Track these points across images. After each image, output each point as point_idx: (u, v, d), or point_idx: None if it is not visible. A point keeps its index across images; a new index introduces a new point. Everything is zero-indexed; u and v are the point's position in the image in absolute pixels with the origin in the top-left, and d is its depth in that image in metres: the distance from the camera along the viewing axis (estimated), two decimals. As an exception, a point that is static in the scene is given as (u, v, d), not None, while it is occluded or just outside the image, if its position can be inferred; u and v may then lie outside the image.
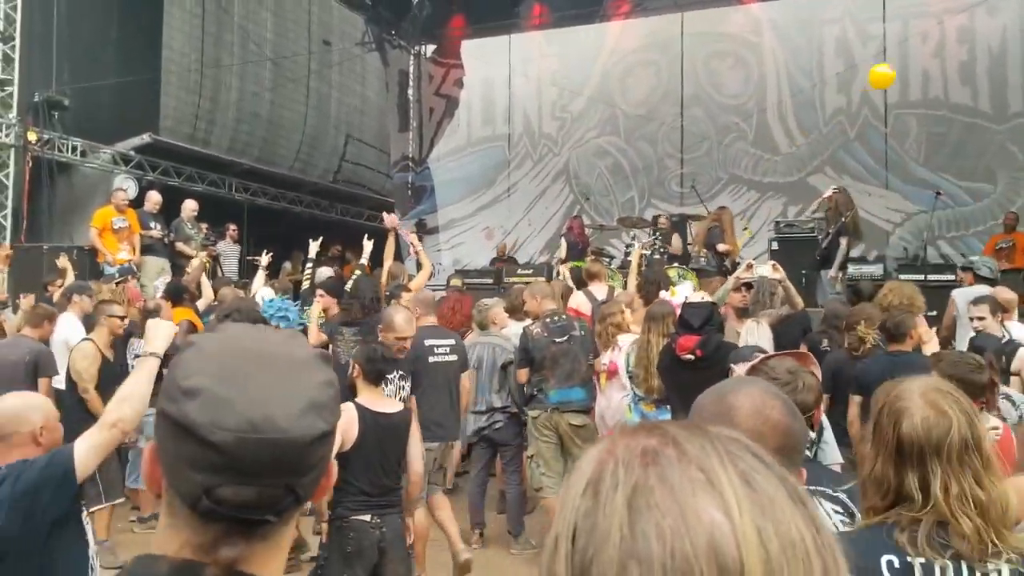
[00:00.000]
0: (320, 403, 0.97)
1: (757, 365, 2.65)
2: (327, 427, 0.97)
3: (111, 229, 10.39)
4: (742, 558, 0.58)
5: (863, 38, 14.31)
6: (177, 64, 14.03)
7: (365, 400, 4.27)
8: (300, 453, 0.94)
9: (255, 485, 0.92)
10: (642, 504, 0.60)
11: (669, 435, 0.65)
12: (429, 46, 18.09)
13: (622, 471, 0.62)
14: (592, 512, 0.61)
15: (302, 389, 0.97)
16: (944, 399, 1.90)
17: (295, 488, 0.95)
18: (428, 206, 17.57)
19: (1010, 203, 12.95)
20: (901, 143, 14.02)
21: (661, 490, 0.60)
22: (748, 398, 1.50)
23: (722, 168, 15.11)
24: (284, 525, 1.00)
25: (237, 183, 15.18)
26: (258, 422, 0.92)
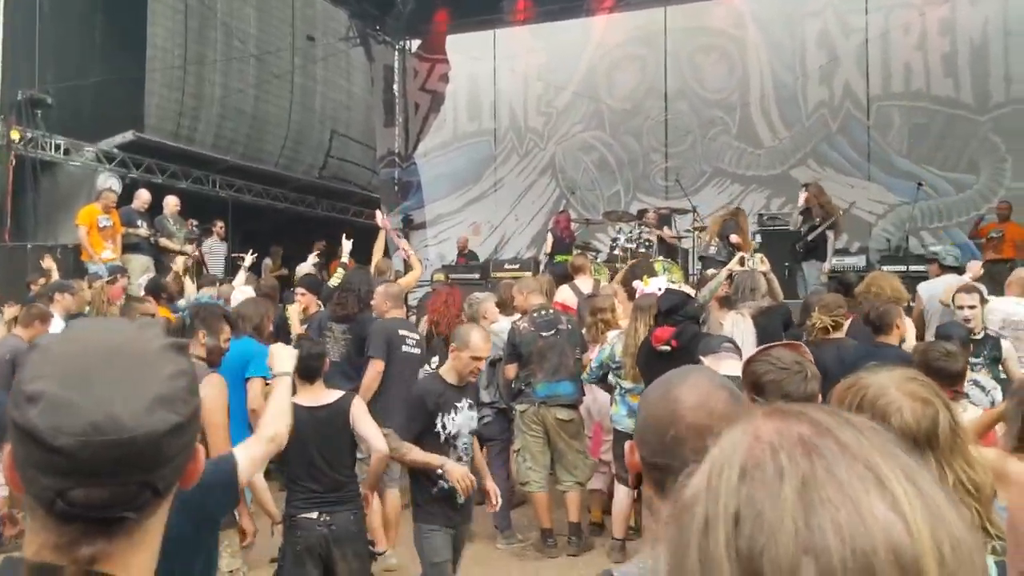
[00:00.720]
0: (168, 396, 0.96)
1: (761, 355, 2.66)
2: (179, 419, 0.96)
3: (97, 227, 10.36)
4: (919, 558, 0.57)
5: (845, 31, 14.37)
6: (160, 61, 13.97)
7: (299, 397, 4.24)
8: (151, 450, 0.93)
9: (107, 485, 0.91)
10: (815, 498, 0.60)
11: (820, 423, 0.65)
12: (414, 41, 18.07)
13: (785, 460, 0.62)
14: (757, 500, 0.61)
15: (148, 384, 0.95)
16: (923, 389, 1.90)
17: (151, 483, 0.95)
18: (415, 202, 17.57)
19: (992, 194, 13.04)
20: (883, 135, 14.10)
21: (831, 484, 0.60)
22: (694, 390, 1.49)
23: (706, 162, 15.17)
24: (148, 519, 0.98)
25: (221, 180, 15.13)
26: (101, 424, 0.90)
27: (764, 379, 2.50)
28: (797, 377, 2.49)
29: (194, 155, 14.51)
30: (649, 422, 1.51)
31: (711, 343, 4.48)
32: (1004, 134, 13.22)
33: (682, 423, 1.45)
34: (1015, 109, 13.25)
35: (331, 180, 18.23)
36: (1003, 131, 13.25)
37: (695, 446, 1.41)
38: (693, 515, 0.64)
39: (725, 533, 0.61)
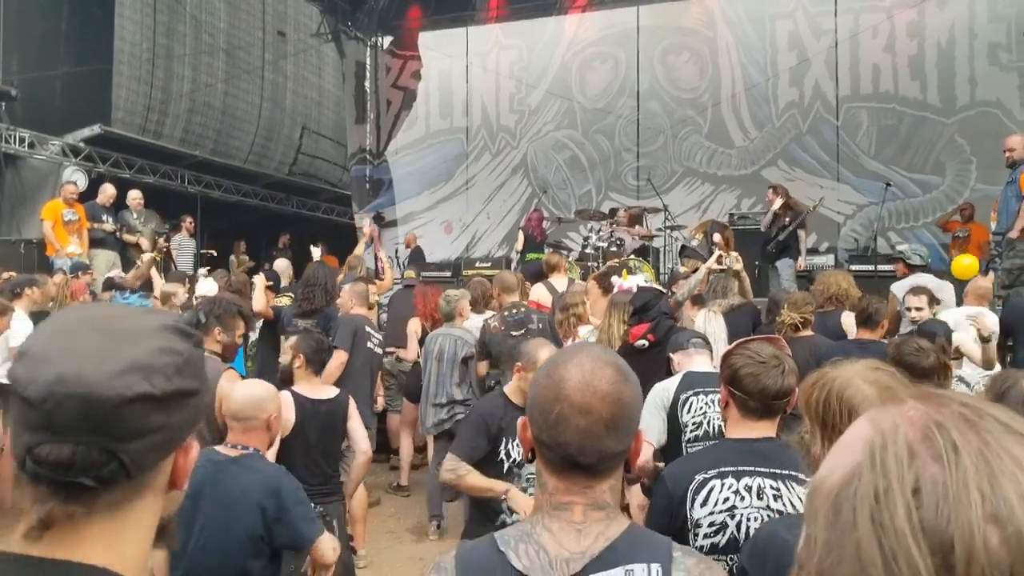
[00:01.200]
0: (146, 365, 0.94)
1: (739, 348, 2.66)
2: (152, 391, 0.94)
3: (61, 221, 10.21)
4: None
5: (815, 32, 14.51)
6: (128, 54, 13.79)
7: (302, 388, 4.30)
8: (113, 412, 0.91)
9: (68, 443, 0.90)
10: (996, 468, 0.61)
11: (970, 404, 0.67)
12: (386, 37, 17.97)
13: (956, 435, 0.63)
14: (935, 473, 0.62)
15: (128, 350, 0.95)
16: (888, 378, 1.90)
17: (116, 453, 0.92)
18: (386, 199, 17.47)
19: (958, 195, 13.23)
20: (852, 136, 14.25)
21: (1007, 457, 0.62)
22: (577, 369, 1.48)
23: (677, 161, 15.24)
24: (125, 497, 0.96)
25: (190, 175, 14.99)
26: (67, 376, 0.90)
27: (742, 372, 2.51)
28: (775, 371, 2.50)
29: (162, 150, 14.35)
30: (537, 400, 1.51)
31: (680, 339, 4.50)
32: (969, 137, 13.41)
33: (566, 402, 1.45)
34: (980, 112, 13.45)
35: (301, 177, 18.13)
36: (968, 134, 13.44)
37: (578, 424, 1.43)
38: (855, 492, 0.64)
39: (904, 506, 0.61)
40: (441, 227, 16.89)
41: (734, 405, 2.53)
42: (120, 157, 13.53)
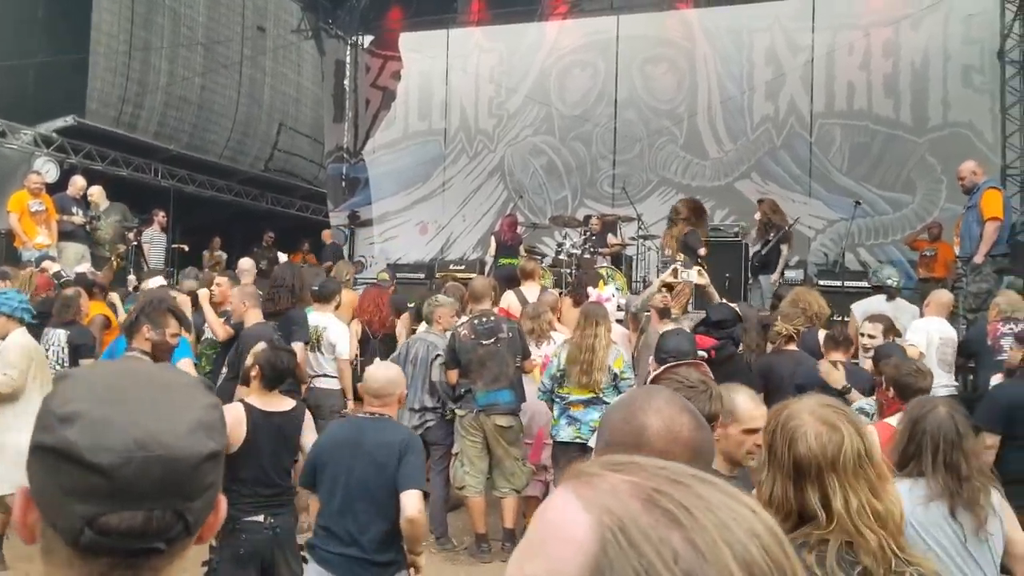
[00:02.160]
0: (208, 423, 0.94)
1: (667, 373, 2.70)
2: (216, 447, 0.94)
3: (28, 213, 10.08)
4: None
5: (792, 48, 14.64)
6: (105, 45, 13.68)
7: (254, 400, 4.25)
8: (189, 473, 0.90)
9: (143, 509, 0.87)
10: (723, 518, 0.66)
11: (663, 467, 0.72)
12: (366, 37, 17.92)
13: (679, 495, 0.67)
14: (683, 535, 0.64)
15: (188, 408, 0.94)
16: (834, 414, 1.95)
17: (185, 514, 0.90)
18: (362, 199, 17.41)
19: (927, 213, 13.40)
20: (825, 152, 14.39)
21: (722, 506, 0.66)
22: (658, 417, 1.51)
23: (652, 171, 15.31)
24: (174, 559, 0.94)
25: (164, 169, 14.87)
26: (144, 440, 0.87)
27: None
28: (703, 396, 2.53)
29: (136, 143, 14.23)
30: (613, 447, 1.51)
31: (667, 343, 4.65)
32: (940, 156, 13.58)
33: (648, 448, 1.45)
34: (952, 132, 13.63)
35: (277, 174, 18.04)
36: (939, 153, 13.61)
37: None
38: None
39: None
40: (416, 228, 16.87)
41: None
42: (93, 149, 13.40)
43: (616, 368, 5.86)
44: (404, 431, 4.17)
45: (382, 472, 3.75)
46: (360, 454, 3.81)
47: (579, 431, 5.86)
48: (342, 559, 3.75)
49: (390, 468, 3.75)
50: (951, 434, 2.83)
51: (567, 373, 5.90)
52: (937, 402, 3.05)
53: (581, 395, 5.87)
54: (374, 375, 4.02)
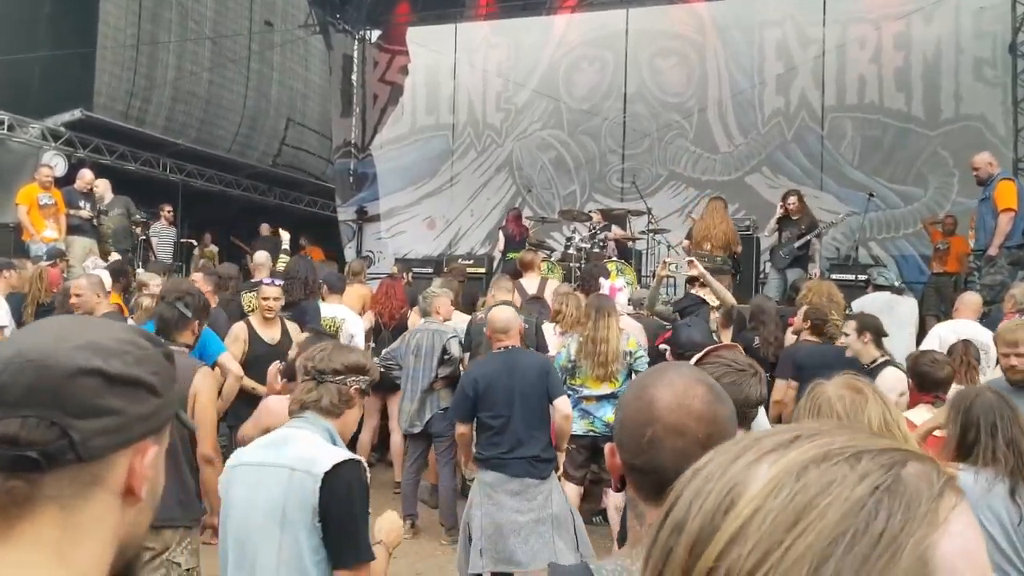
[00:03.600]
0: (106, 347, 0.93)
1: (713, 355, 2.63)
2: (108, 368, 0.92)
3: (37, 206, 10.06)
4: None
5: (803, 41, 14.56)
6: (112, 39, 13.66)
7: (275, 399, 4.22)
8: (62, 381, 0.89)
9: (18, 415, 0.87)
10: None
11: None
12: (374, 31, 17.88)
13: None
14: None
15: (89, 334, 0.95)
16: (857, 381, 2.00)
17: (68, 430, 0.88)
18: (369, 194, 17.39)
19: (939, 207, 13.31)
20: (836, 146, 14.31)
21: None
22: (669, 389, 1.44)
23: (662, 165, 15.25)
24: (75, 491, 0.91)
25: (172, 163, 14.85)
26: (25, 350, 0.91)
27: (723, 381, 2.48)
28: (754, 379, 2.49)
29: (144, 137, 14.21)
30: (627, 424, 1.46)
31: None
32: (952, 150, 13.49)
33: (659, 423, 1.40)
34: (964, 126, 13.54)
35: (285, 168, 18.03)
36: (951, 147, 13.52)
37: (674, 446, 1.38)
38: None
39: None
40: (424, 223, 16.83)
41: None
42: (101, 143, 13.37)
43: (630, 347, 5.80)
44: (537, 354, 5.43)
45: (536, 387, 4.84)
46: (516, 376, 4.83)
47: (592, 424, 5.81)
48: (516, 461, 4.70)
49: (541, 383, 4.85)
50: (1005, 411, 2.81)
51: (579, 366, 5.83)
52: (980, 388, 3.03)
53: (596, 388, 5.80)
54: (498, 316, 5.02)
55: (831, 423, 0.67)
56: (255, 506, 2.57)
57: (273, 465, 2.57)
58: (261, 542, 2.54)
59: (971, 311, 6.91)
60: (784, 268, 10.02)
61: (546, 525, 4.74)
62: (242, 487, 2.62)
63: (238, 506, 2.61)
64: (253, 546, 2.56)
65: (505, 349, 4.95)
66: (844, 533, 0.54)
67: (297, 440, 2.63)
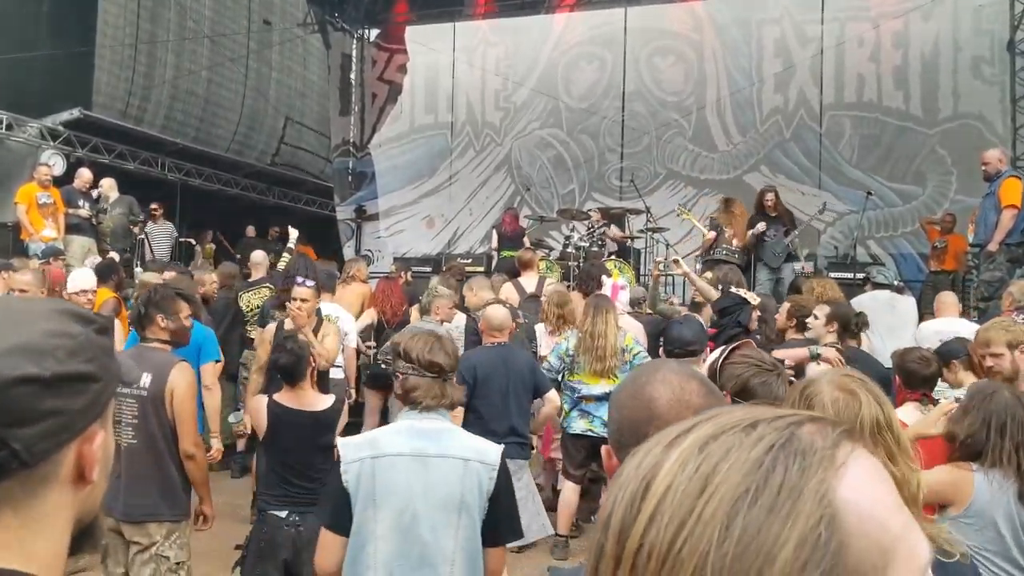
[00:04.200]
0: (35, 348, 0.89)
1: (738, 355, 2.62)
2: (42, 373, 0.88)
3: (36, 205, 10.06)
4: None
5: (801, 39, 14.56)
6: (111, 38, 13.64)
7: (283, 396, 4.20)
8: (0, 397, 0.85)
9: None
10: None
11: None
12: (373, 30, 17.88)
13: None
14: None
15: (14, 334, 0.89)
16: (852, 382, 1.95)
17: (6, 440, 0.85)
18: (368, 193, 17.39)
19: (937, 205, 13.32)
20: (835, 144, 14.32)
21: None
22: (666, 387, 1.45)
23: (660, 163, 15.25)
24: (28, 492, 0.90)
25: (171, 163, 14.82)
26: None
27: (753, 381, 2.45)
28: (780, 379, 2.47)
29: (143, 136, 14.19)
30: (624, 424, 1.46)
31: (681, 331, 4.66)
32: (950, 148, 13.51)
33: (661, 420, 1.40)
34: (962, 124, 13.55)
35: (284, 167, 18.00)
36: (949, 145, 13.54)
37: None
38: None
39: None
40: (423, 222, 16.83)
41: None
42: (99, 142, 13.35)
43: (626, 344, 5.82)
44: (526, 352, 5.98)
45: (526, 380, 5.44)
46: (511, 369, 5.41)
47: (591, 423, 5.81)
48: (510, 445, 4.67)
49: (531, 378, 5.49)
50: (1019, 412, 2.77)
51: (578, 361, 5.84)
52: (998, 386, 2.99)
53: (594, 384, 5.80)
54: (494, 314, 5.59)
55: (730, 406, 0.71)
56: (427, 494, 2.68)
57: (442, 456, 2.72)
58: (438, 527, 2.68)
59: (952, 309, 7.03)
60: (778, 266, 10.03)
61: (527, 501, 5.23)
62: (403, 475, 2.69)
63: (400, 494, 2.68)
64: (425, 532, 2.68)
65: (499, 344, 5.50)
66: (747, 490, 0.58)
67: (452, 432, 2.84)
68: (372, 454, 2.71)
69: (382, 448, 2.73)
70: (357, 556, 2.68)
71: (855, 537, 0.57)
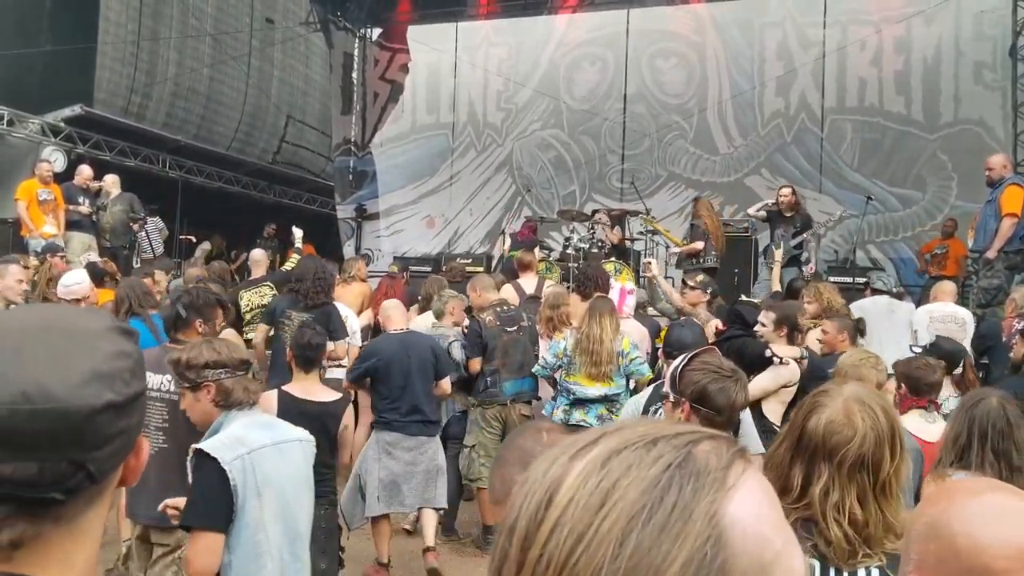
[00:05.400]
0: (107, 373, 0.93)
1: (698, 361, 2.62)
2: (116, 398, 0.93)
3: (36, 202, 10.06)
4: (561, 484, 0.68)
5: (803, 43, 14.56)
6: (113, 35, 13.65)
7: (293, 387, 4.23)
8: (82, 425, 0.90)
9: (35, 460, 0.87)
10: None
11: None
12: (375, 29, 17.87)
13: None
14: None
15: (84, 359, 0.92)
16: (862, 410, 1.88)
17: (84, 464, 0.90)
18: (369, 192, 17.38)
19: (938, 210, 13.33)
20: (836, 148, 14.31)
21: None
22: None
23: (662, 166, 15.25)
24: (84, 506, 0.94)
25: (172, 160, 14.84)
26: (31, 393, 0.87)
27: (711, 387, 2.47)
28: (739, 384, 2.48)
29: (144, 133, 14.20)
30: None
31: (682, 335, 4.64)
32: (951, 153, 13.50)
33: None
34: (963, 129, 13.54)
35: (285, 166, 18.02)
36: (950, 150, 13.53)
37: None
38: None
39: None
40: (423, 222, 16.83)
41: (697, 422, 2.46)
42: (101, 139, 13.37)
43: (624, 348, 5.81)
44: (429, 336, 6.25)
45: (427, 363, 5.78)
46: (413, 353, 5.73)
47: (586, 415, 5.82)
48: (412, 423, 5.67)
49: (431, 360, 5.81)
50: (1000, 422, 2.76)
51: (575, 362, 5.84)
52: (989, 393, 2.98)
53: (590, 386, 5.79)
54: (391, 305, 6.18)
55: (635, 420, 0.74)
56: (291, 477, 3.04)
57: (287, 441, 3.09)
58: (301, 503, 3.09)
59: (949, 296, 7.28)
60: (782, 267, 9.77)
61: (432, 475, 5.75)
62: (272, 464, 2.95)
63: (274, 482, 2.94)
64: (295, 510, 3.05)
65: (401, 331, 5.94)
66: (643, 508, 0.62)
67: (276, 420, 3.30)
68: (247, 450, 2.89)
69: (251, 443, 2.93)
70: (251, 546, 2.87)
71: (739, 556, 0.60)
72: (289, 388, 4.24)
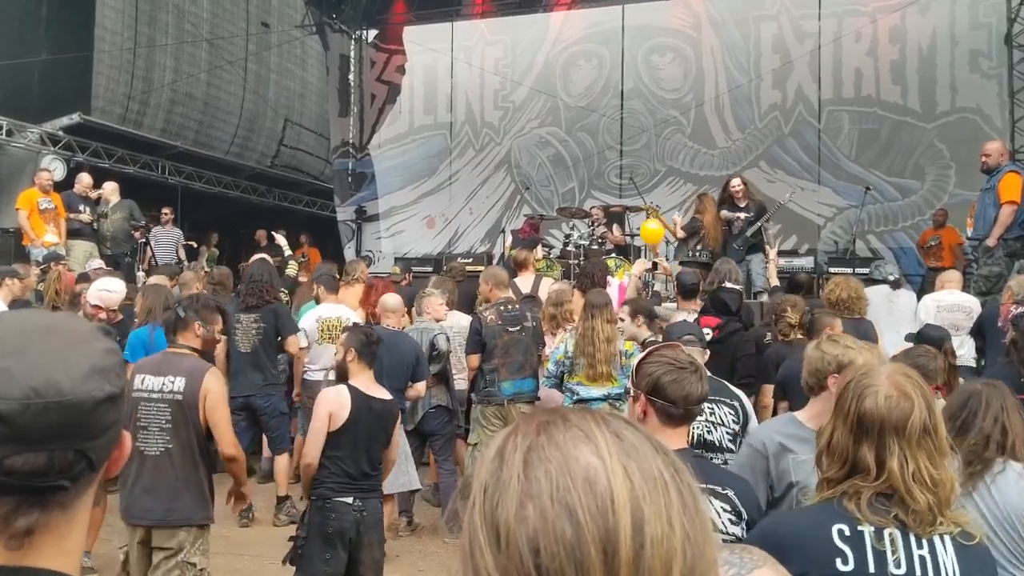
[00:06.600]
0: (104, 368, 1.00)
1: (654, 354, 2.64)
2: (113, 389, 1.00)
3: (37, 211, 10.09)
4: (611, 487, 0.73)
5: (799, 35, 14.57)
6: (109, 43, 13.68)
7: (359, 383, 4.31)
8: (86, 415, 0.96)
9: (45, 451, 0.94)
10: (534, 457, 0.76)
11: (559, 412, 0.83)
12: (371, 31, 17.88)
13: (520, 437, 0.79)
14: (498, 470, 0.77)
15: (84, 355, 0.99)
16: (908, 383, 2.01)
17: (87, 452, 0.98)
18: (368, 193, 17.41)
19: (936, 199, 13.34)
20: (833, 139, 14.33)
21: (549, 446, 0.77)
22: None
23: (660, 161, 15.27)
24: (81, 494, 1.01)
25: (171, 166, 14.87)
26: (41, 388, 0.94)
27: (664, 379, 2.49)
28: (694, 376, 2.51)
29: (143, 140, 14.24)
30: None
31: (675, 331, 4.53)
32: (949, 142, 13.52)
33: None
34: (960, 118, 13.56)
35: (283, 169, 18.04)
36: (948, 139, 13.55)
37: None
38: (467, 498, 0.80)
39: (478, 502, 0.77)
40: (423, 222, 16.85)
41: (654, 414, 2.51)
42: (100, 146, 13.39)
43: (626, 349, 5.80)
44: (413, 340, 6.38)
45: (406, 365, 6.03)
46: (394, 353, 5.88)
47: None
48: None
49: (411, 362, 6.07)
50: (995, 409, 2.84)
51: (576, 363, 5.84)
52: (986, 383, 3.06)
53: (591, 387, 5.79)
54: (387, 300, 6.54)
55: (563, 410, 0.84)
56: None
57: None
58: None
59: (955, 284, 7.37)
60: (741, 260, 9.59)
61: (401, 459, 5.56)
62: None
63: None
64: None
65: (392, 330, 6.16)
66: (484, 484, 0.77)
67: None
68: None
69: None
70: None
71: None
72: (356, 383, 4.34)
